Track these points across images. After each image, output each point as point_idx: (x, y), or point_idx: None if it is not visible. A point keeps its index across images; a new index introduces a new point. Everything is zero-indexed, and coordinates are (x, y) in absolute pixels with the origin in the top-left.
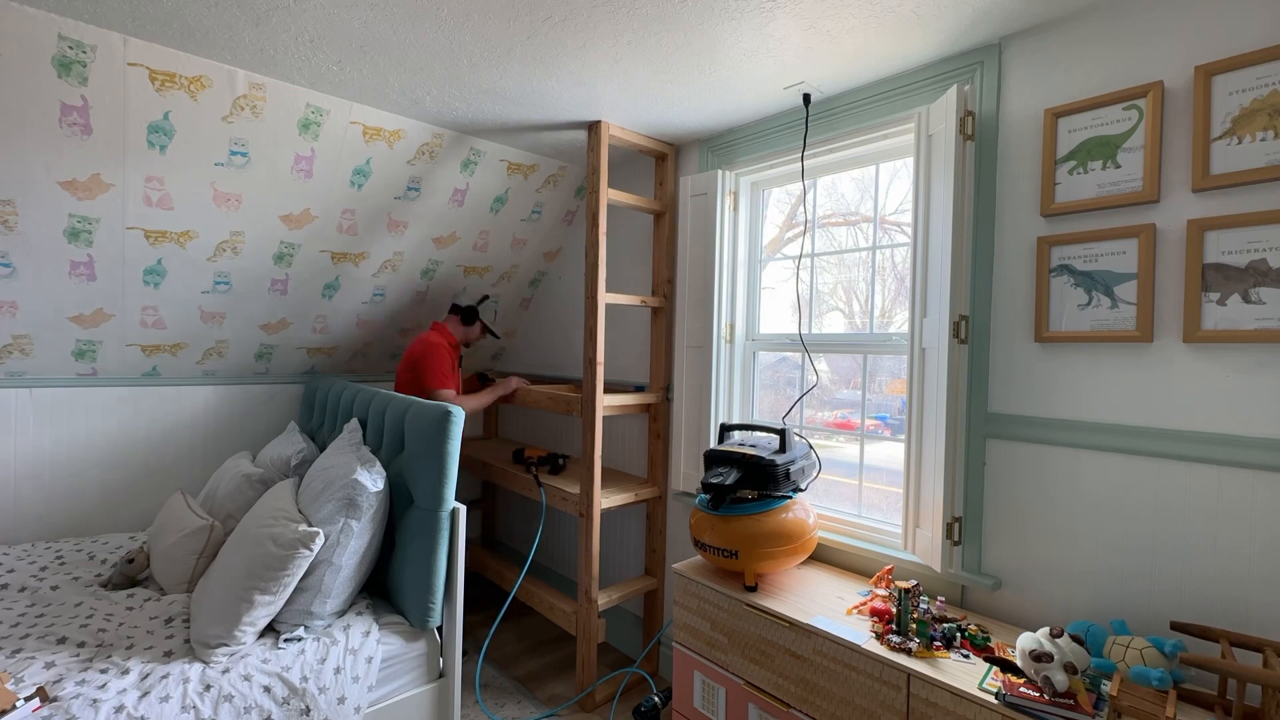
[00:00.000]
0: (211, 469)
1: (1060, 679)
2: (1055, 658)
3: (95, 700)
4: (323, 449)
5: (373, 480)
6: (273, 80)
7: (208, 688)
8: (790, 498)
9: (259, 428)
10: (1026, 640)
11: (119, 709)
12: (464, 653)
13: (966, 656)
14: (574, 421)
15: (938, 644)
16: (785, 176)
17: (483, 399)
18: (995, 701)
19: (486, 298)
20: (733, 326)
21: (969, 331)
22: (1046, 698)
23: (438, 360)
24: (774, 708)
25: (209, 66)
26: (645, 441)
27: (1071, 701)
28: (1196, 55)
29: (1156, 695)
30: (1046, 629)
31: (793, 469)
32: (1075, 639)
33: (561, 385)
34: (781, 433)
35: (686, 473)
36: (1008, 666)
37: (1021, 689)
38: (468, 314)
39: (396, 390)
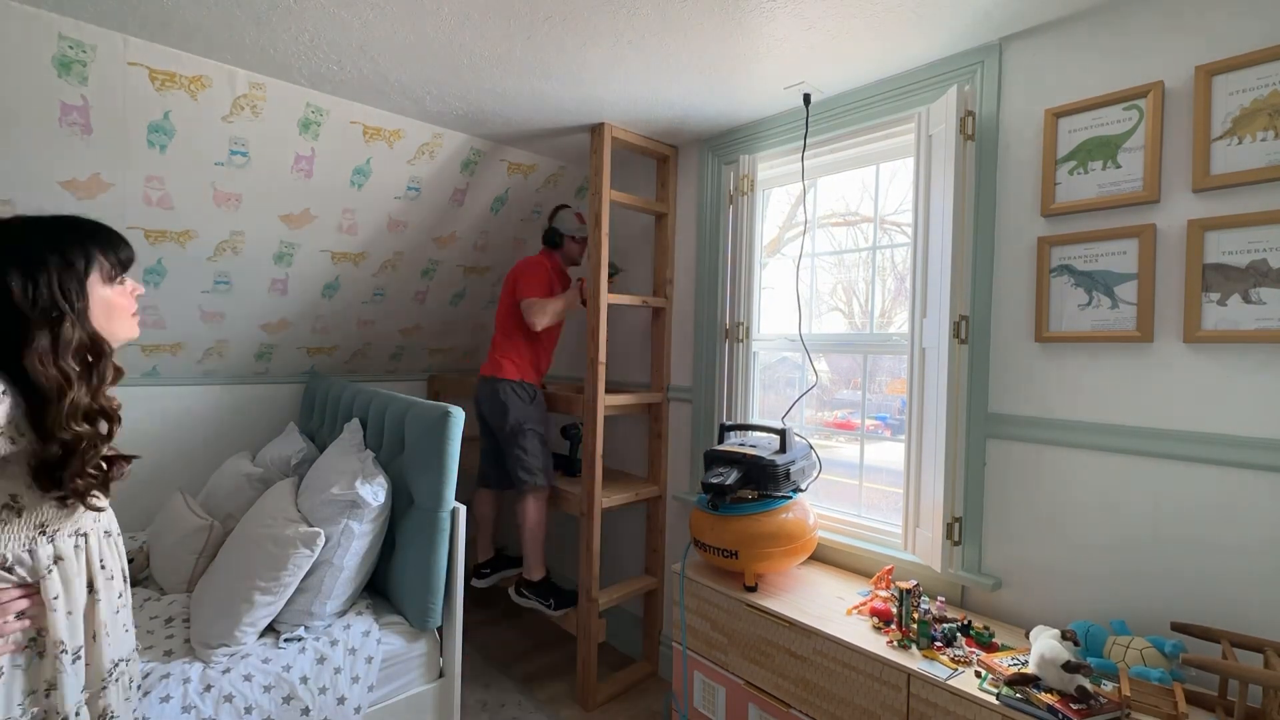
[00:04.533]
0: (211, 469)
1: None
2: (1073, 661)
3: None
4: (323, 449)
5: (374, 494)
6: (273, 80)
7: (208, 688)
8: (790, 498)
9: (259, 428)
10: (1051, 649)
11: None
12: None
13: (967, 658)
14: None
15: (938, 644)
16: (785, 176)
17: (561, 303)
18: (996, 702)
19: (563, 207)
20: (733, 326)
21: (969, 331)
22: (1089, 705)
23: (535, 274)
24: (774, 708)
25: (209, 66)
26: (646, 441)
27: (1104, 701)
28: (1197, 55)
29: (1166, 691)
30: (1057, 632)
31: (793, 469)
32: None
33: (563, 385)
34: (782, 433)
35: (687, 472)
36: (1025, 680)
37: (1070, 706)
38: (550, 238)
39: (498, 313)
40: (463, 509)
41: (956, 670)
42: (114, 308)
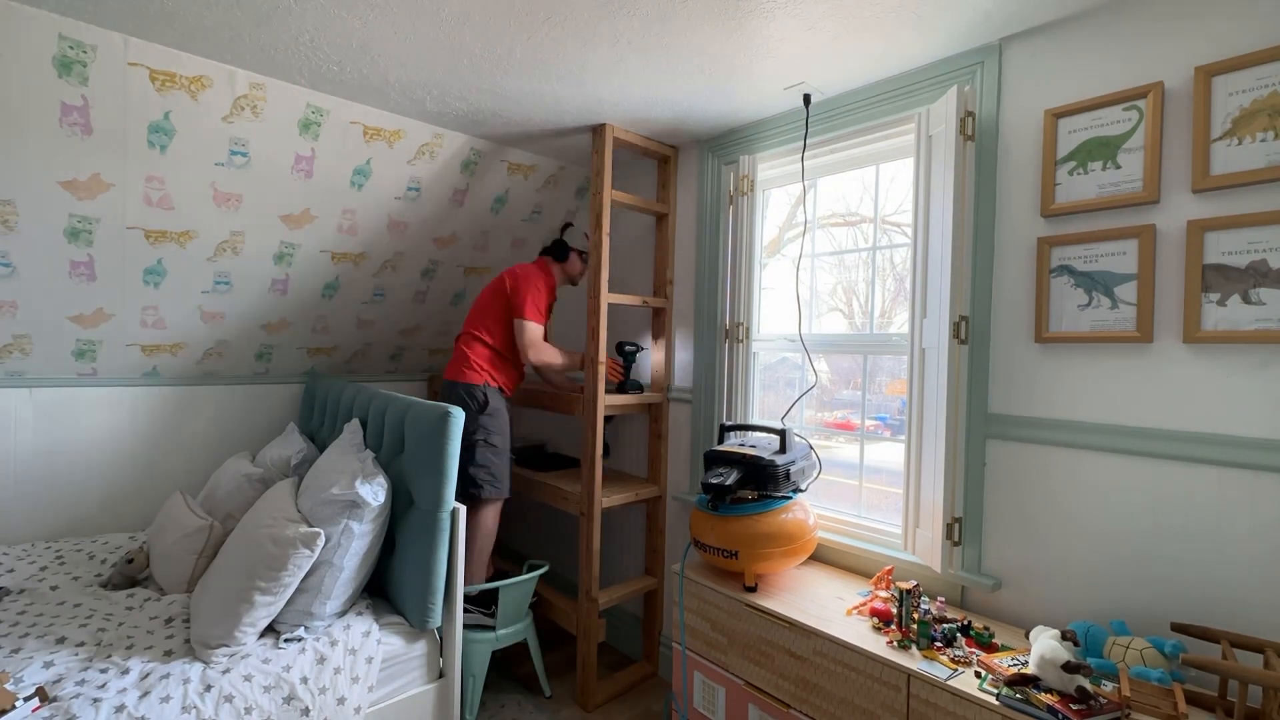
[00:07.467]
0: (211, 469)
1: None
2: (1073, 661)
3: (95, 700)
4: (323, 449)
5: (373, 494)
6: (273, 80)
7: (208, 688)
8: (790, 498)
9: (259, 428)
10: (1051, 649)
11: (119, 709)
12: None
13: (967, 658)
14: (575, 421)
15: (938, 644)
16: (786, 177)
17: (563, 357)
18: (996, 702)
19: (569, 225)
20: (733, 326)
21: (969, 332)
22: (1089, 705)
23: (535, 290)
24: (774, 708)
25: (209, 66)
26: (646, 441)
27: (1104, 701)
28: (1196, 56)
29: (1166, 692)
30: (1057, 632)
31: (793, 469)
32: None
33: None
34: (782, 433)
35: (687, 472)
36: (1025, 680)
37: (1070, 706)
38: (557, 250)
39: (472, 310)
40: (462, 509)
41: (956, 671)
42: None
